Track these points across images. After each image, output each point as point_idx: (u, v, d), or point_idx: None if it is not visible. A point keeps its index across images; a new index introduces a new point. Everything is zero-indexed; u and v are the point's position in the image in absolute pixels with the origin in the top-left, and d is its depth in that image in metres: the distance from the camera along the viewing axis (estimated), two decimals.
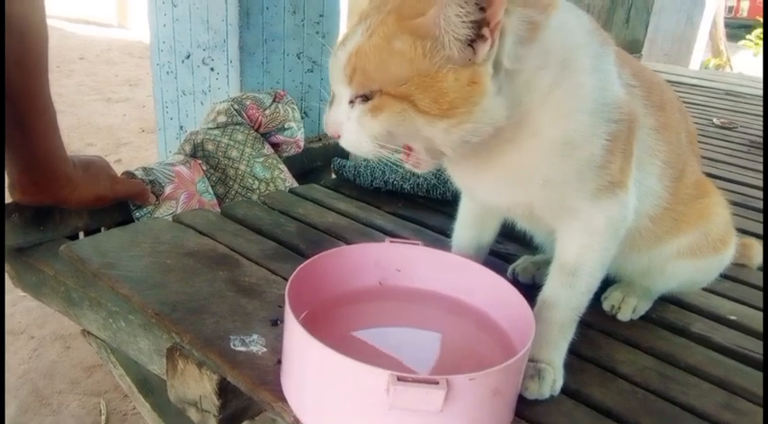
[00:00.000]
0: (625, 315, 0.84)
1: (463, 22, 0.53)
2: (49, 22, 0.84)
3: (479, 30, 0.54)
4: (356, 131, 0.60)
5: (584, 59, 0.60)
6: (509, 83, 0.57)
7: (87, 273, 0.84)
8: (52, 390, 1.98)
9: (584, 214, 0.67)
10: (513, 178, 0.66)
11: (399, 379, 0.50)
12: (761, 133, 1.97)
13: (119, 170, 3.92)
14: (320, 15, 1.52)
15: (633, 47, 2.07)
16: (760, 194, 1.46)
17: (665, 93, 0.74)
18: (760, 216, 1.32)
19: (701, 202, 0.79)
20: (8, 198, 0.98)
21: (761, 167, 1.66)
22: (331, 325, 0.70)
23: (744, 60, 6.52)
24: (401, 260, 0.74)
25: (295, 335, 0.57)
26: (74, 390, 2.00)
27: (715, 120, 2.08)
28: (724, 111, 2.26)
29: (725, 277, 0.91)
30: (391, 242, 0.74)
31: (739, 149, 1.82)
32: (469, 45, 0.55)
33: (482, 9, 0.53)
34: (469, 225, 0.82)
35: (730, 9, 9.04)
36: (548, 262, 0.83)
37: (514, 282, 0.89)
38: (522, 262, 0.91)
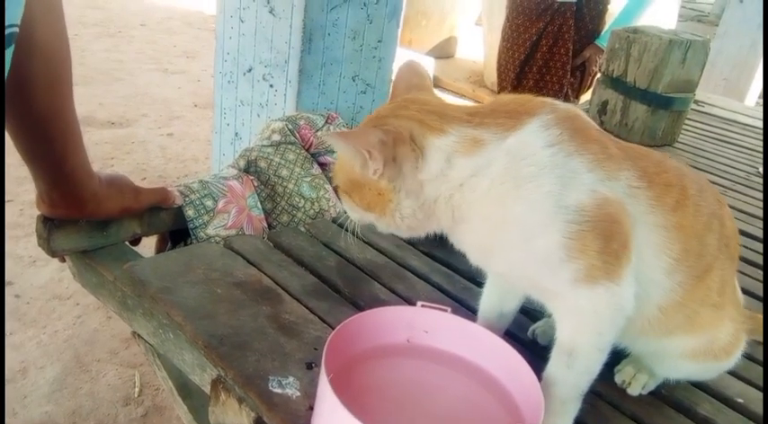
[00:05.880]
0: (635, 390, 0.89)
1: (355, 158, 0.70)
2: None
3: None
4: None
5: (529, 168, 0.69)
6: (429, 187, 0.72)
7: (146, 295, 0.93)
8: (92, 357, 2.12)
9: (569, 297, 0.72)
10: (483, 252, 0.77)
11: None
12: None
13: (170, 143, 4.03)
14: (378, 41, 1.58)
15: (686, 87, 2.06)
16: None
17: (688, 198, 0.77)
18: None
19: (719, 312, 0.82)
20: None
21: None
22: (360, 375, 0.77)
23: None
24: (429, 323, 0.81)
25: (327, 398, 0.64)
26: (112, 360, 2.13)
27: (761, 169, 2.07)
28: None
29: (742, 354, 0.93)
30: (422, 306, 0.81)
31: None
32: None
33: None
34: (493, 292, 0.89)
35: None
36: None
37: (534, 342, 0.96)
38: (543, 325, 0.96)
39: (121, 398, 1.95)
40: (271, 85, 1.54)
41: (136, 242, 1.21)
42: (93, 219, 1.08)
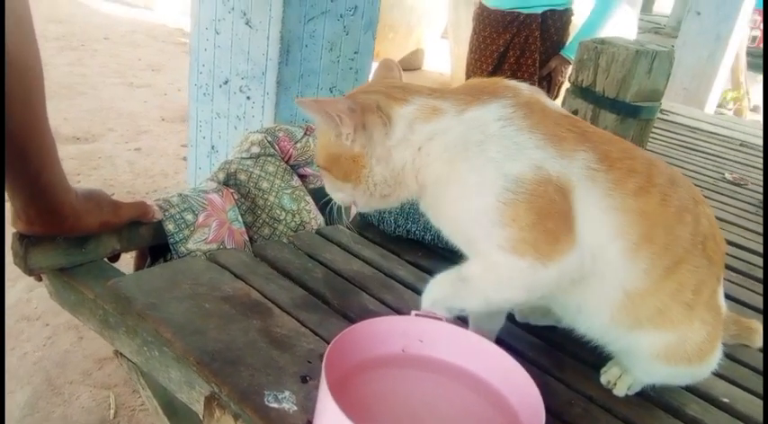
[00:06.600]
0: (620, 391, 0.90)
1: (329, 124, 0.77)
2: None
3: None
4: None
5: (478, 136, 0.76)
6: (396, 153, 0.79)
7: (132, 312, 0.90)
8: (64, 380, 2.06)
9: (493, 257, 0.77)
10: (437, 211, 0.83)
11: None
12: None
13: (138, 158, 3.96)
14: (355, 52, 1.58)
15: (653, 96, 2.12)
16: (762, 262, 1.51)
17: (654, 186, 0.78)
18: (762, 288, 1.38)
19: (690, 312, 0.82)
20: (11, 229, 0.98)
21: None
22: (357, 386, 0.77)
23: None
24: (424, 332, 0.81)
25: (328, 410, 0.63)
26: (85, 381, 2.07)
27: (727, 175, 2.13)
28: (737, 165, 2.30)
29: (725, 355, 0.94)
30: (417, 315, 0.81)
31: (747, 209, 1.87)
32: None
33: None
34: None
35: (753, 39, 9.00)
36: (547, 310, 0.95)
37: (529, 347, 0.97)
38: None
39: (96, 420, 1.90)
40: (248, 97, 1.53)
41: (115, 258, 1.18)
42: (72, 235, 1.05)
